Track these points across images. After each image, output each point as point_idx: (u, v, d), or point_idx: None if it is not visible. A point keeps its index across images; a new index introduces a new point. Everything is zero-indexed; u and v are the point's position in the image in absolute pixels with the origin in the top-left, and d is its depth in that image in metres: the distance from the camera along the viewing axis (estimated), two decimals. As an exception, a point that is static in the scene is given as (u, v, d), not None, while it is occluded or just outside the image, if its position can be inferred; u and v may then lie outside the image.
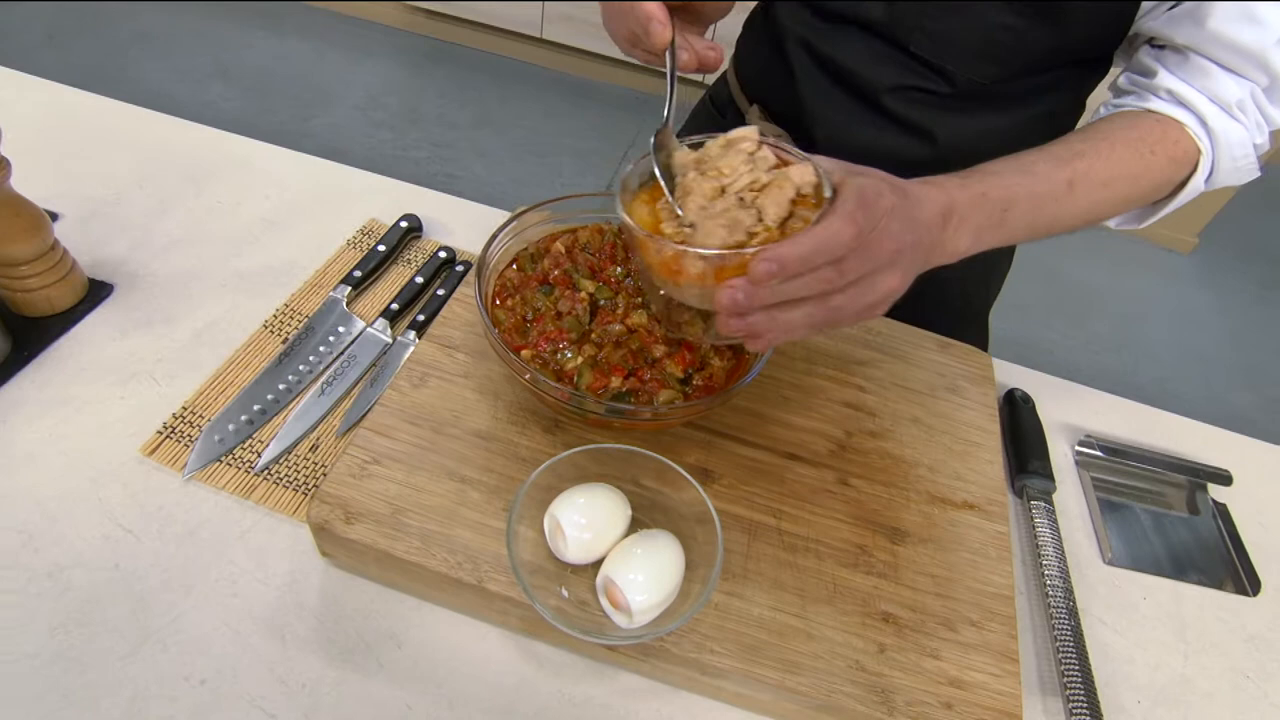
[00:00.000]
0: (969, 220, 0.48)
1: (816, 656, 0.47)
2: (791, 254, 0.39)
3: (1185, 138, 0.55)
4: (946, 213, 0.47)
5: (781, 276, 0.39)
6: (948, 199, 0.47)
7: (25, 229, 0.57)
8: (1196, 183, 0.58)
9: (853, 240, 0.40)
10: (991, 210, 0.50)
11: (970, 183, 0.50)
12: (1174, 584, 0.63)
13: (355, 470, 0.50)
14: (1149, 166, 0.55)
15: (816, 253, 0.39)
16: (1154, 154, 0.55)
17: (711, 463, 0.55)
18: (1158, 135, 0.55)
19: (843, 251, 0.40)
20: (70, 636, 0.46)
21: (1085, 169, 0.53)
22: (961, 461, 0.60)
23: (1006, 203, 0.50)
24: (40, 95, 0.82)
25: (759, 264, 0.39)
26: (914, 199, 0.45)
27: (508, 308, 0.55)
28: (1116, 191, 0.55)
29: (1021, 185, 0.51)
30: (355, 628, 0.49)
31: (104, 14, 2.45)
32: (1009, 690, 0.49)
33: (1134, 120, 0.56)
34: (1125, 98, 0.59)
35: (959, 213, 0.48)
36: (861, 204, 0.41)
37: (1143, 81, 0.58)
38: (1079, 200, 0.53)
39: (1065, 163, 0.53)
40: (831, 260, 0.40)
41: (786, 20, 0.67)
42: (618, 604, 0.44)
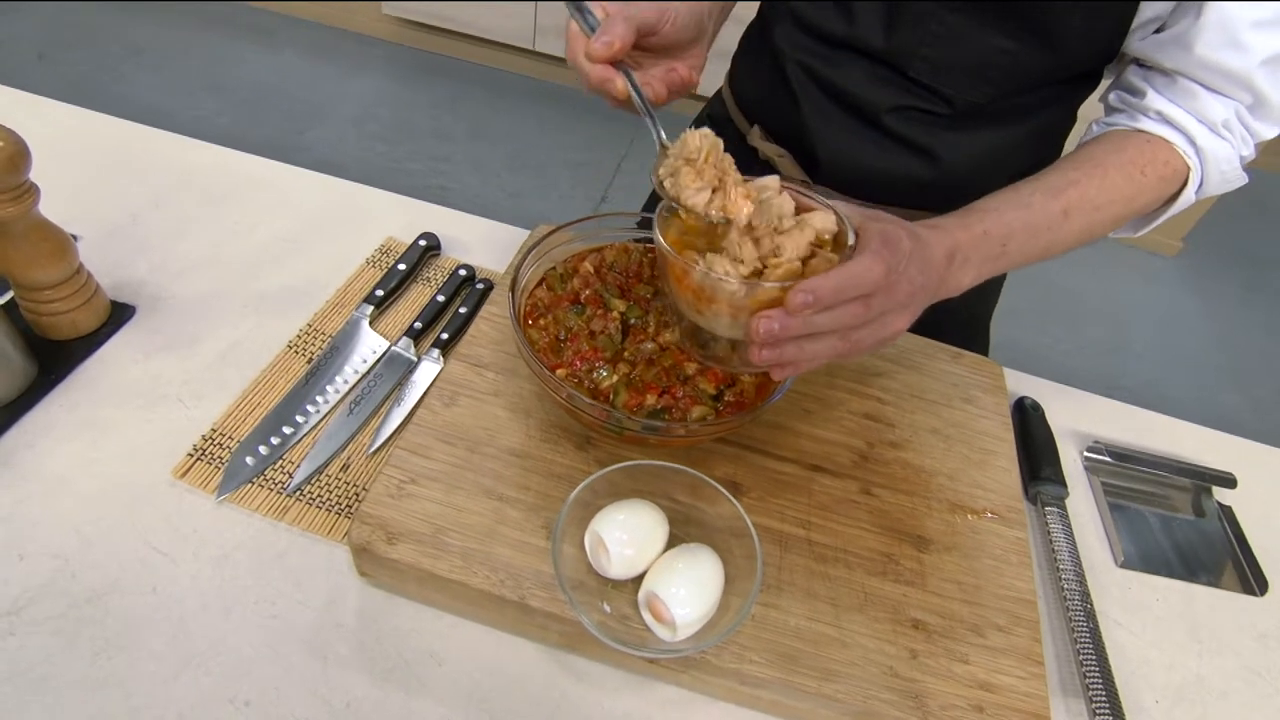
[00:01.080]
0: (971, 259, 0.52)
1: (852, 664, 0.48)
2: (826, 287, 0.42)
3: (1175, 156, 0.58)
4: (951, 254, 0.50)
5: (815, 308, 0.42)
6: (952, 241, 0.51)
7: (52, 253, 0.58)
8: (1187, 196, 0.60)
9: (882, 277, 0.43)
10: (991, 246, 0.53)
11: (971, 222, 0.53)
12: (1185, 585, 0.64)
13: (393, 490, 0.50)
14: (1140, 187, 0.58)
15: (848, 287, 0.42)
16: (1144, 175, 0.58)
17: (740, 476, 0.56)
18: (1148, 156, 0.58)
19: (871, 288, 0.43)
20: (113, 662, 0.46)
21: (1079, 196, 0.56)
22: (979, 470, 0.62)
23: (1005, 237, 0.53)
24: (47, 114, 0.82)
25: (796, 295, 0.41)
26: (925, 243, 0.48)
27: (540, 327, 0.56)
28: (1109, 213, 0.58)
29: (1019, 219, 0.54)
30: (395, 646, 0.49)
31: (94, 29, 2.43)
32: (1036, 692, 0.50)
33: (1123, 142, 0.59)
34: (1115, 116, 0.61)
35: (962, 253, 0.51)
36: (887, 245, 0.44)
37: (1132, 100, 0.60)
38: (1074, 226, 0.56)
39: (1060, 192, 0.56)
40: (860, 295, 0.43)
41: (785, 44, 0.68)
42: (662, 618, 0.45)
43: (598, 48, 0.49)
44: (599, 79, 0.49)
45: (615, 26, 0.49)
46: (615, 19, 0.49)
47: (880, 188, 0.69)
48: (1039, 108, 0.66)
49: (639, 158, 2.41)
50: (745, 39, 0.77)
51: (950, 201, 0.70)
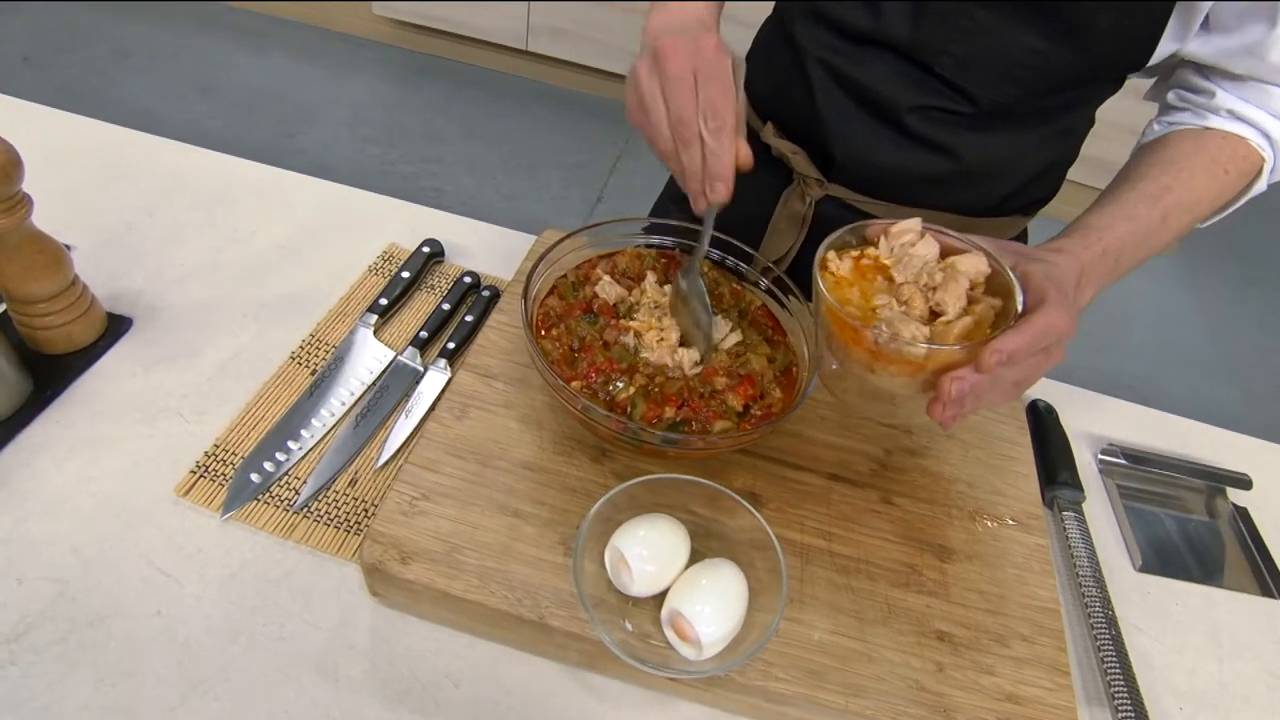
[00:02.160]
0: (1093, 277, 0.53)
1: (878, 679, 0.47)
2: (1019, 343, 0.42)
3: (1251, 151, 0.59)
4: (1080, 277, 0.51)
5: (1009, 364, 0.42)
6: (1079, 265, 0.51)
7: (46, 265, 0.56)
8: (1259, 186, 0.61)
9: (1069, 327, 0.44)
10: (1108, 263, 0.54)
11: (1090, 243, 0.53)
12: (1204, 589, 0.64)
13: (405, 507, 0.49)
14: (1225, 185, 0.59)
15: (1038, 341, 0.43)
16: (1228, 173, 0.59)
17: (759, 487, 0.55)
18: (1228, 154, 0.59)
19: (1059, 338, 0.44)
20: (117, 689, 0.45)
21: (1174, 201, 0.57)
22: (998, 476, 0.61)
23: (1119, 252, 0.54)
24: (36, 121, 0.80)
25: (991, 356, 0.42)
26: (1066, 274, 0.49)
27: (553, 338, 0.54)
28: (1199, 213, 0.59)
29: (1129, 232, 0.55)
30: (409, 667, 0.48)
31: (80, 32, 2.40)
32: (1064, 703, 0.49)
33: (1201, 142, 0.59)
34: (1178, 115, 0.61)
35: (1087, 274, 0.52)
36: (1063, 292, 0.45)
37: (1197, 100, 0.60)
38: (1170, 230, 0.57)
39: (1158, 200, 0.57)
40: (1046, 348, 0.44)
41: (806, 40, 0.67)
42: (686, 637, 0.43)
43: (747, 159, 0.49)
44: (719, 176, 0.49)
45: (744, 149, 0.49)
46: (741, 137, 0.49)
47: (897, 186, 0.68)
48: (1062, 110, 0.65)
49: (634, 157, 2.40)
50: (760, 38, 0.76)
51: (968, 200, 0.70)
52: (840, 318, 0.46)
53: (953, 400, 0.43)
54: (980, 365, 0.42)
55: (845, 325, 0.46)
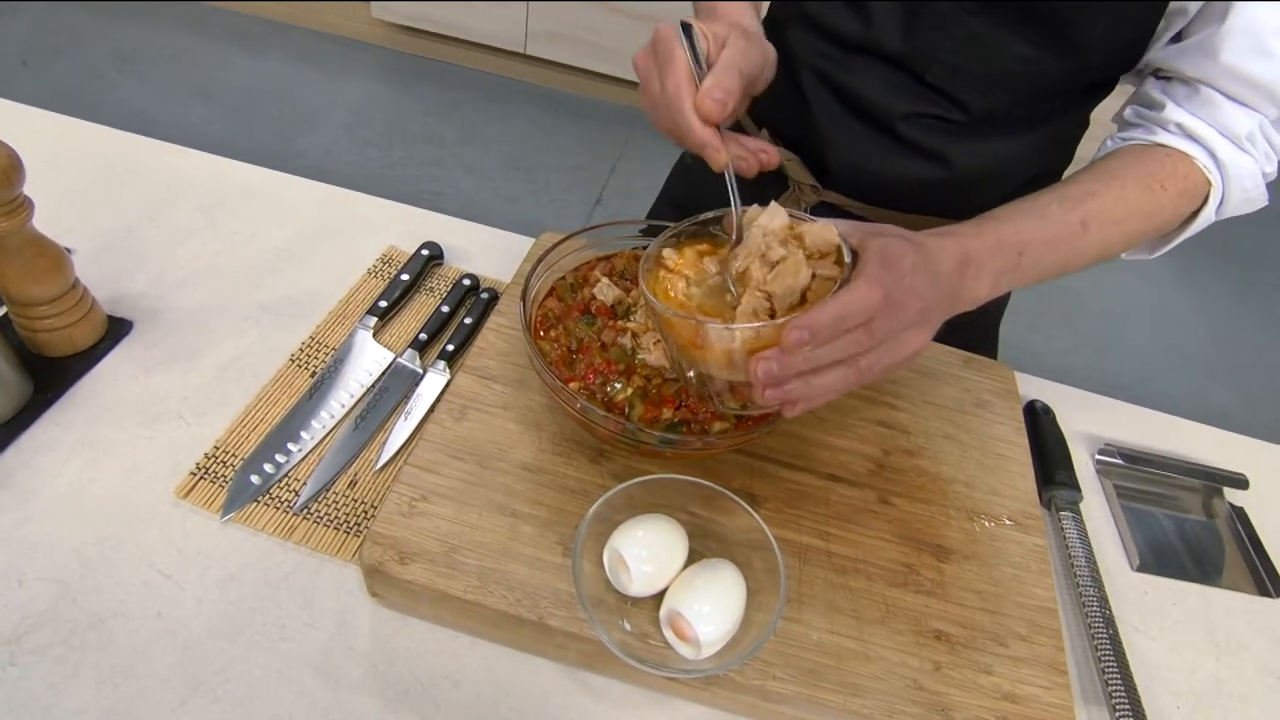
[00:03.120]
0: (986, 267, 0.49)
1: (876, 678, 0.47)
2: (821, 320, 0.40)
3: (1195, 171, 0.56)
4: (964, 262, 0.48)
5: (813, 343, 0.40)
6: (963, 249, 0.48)
7: (47, 268, 0.56)
8: (1207, 214, 0.59)
9: (879, 303, 0.41)
10: (1007, 255, 0.51)
11: (984, 230, 0.51)
12: (1201, 588, 0.64)
13: (404, 508, 0.49)
14: (1160, 203, 0.56)
15: (845, 317, 0.40)
16: (1164, 189, 0.56)
17: (756, 487, 0.56)
18: (1168, 170, 0.56)
19: (870, 314, 0.41)
20: (119, 690, 0.45)
21: (1097, 208, 0.54)
22: (995, 476, 0.61)
23: (1021, 246, 0.51)
24: (36, 124, 0.80)
25: (790, 332, 0.39)
26: (933, 253, 0.46)
27: (551, 339, 0.54)
28: (1129, 228, 0.56)
29: (1035, 229, 0.52)
30: (409, 668, 0.48)
31: (78, 35, 2.40)
32: (1061, 702, 0.49)
33: (1142, 156, 0.57)
34: (1132, 130, 0.60)
35: (975, 261, 0.49)
36: (884, 265, 0.42)
37: (1150, 114, 0.59)
38: (1092, 239, 0.55)
39: (1078, 203, 0.54)
40: (860, 323, 0.41)
41: (798, 48, 0.67)
42: (685, 636, 0.44)
43: (711, 107, 0.45)
44: (701, 143, 0.46)
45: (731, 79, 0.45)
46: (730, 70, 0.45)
47: (891, 193, 0.68)
48: (1054, 114, 0.65)
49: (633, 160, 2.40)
50: None
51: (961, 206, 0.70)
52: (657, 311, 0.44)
53: (764, 381, 0.41)
54: (782, 344, 0.40)
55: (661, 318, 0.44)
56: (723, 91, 0.45)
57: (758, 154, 0.49)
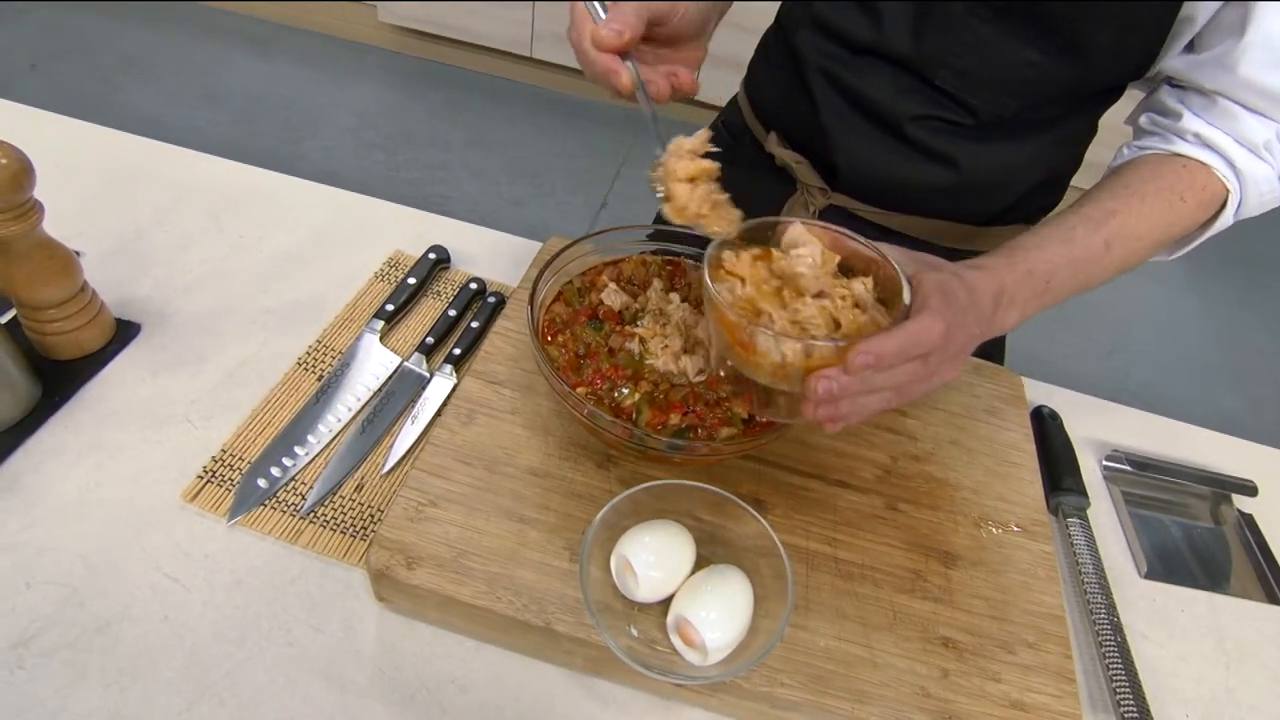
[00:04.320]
0: (1017, 299, 0.51)
1: (884, 685, 0.47)
2: (888, 348, 0.41)
3: (1213, 180, 0.57)
4: (998, 296, 0.50)
5: (877, 368, 0.41)
6: (999, 283, 0.50)
7: (56, 271, 0.56)
8: (1225, 219, 0.59)
9: (942, 337, 0.43)
10: (1036, 284, 0.53)
11: (1016, 261, 0.52)
12: (1210, 596, 0.64)
13: (411, 513, 0.49)
14: (1180, 215, 0.57)
15: (910, 347, 0.42)
16: (1184, 201, 0.57)
17: (764, 493, 0.55)
18: (1186, 182, 0.57)
19: (932, 347, 0.43)
20: (125, 694, 0.45)
21: (1119, 226, 0.55)
22: (1003, 483, 0.61)
23: (1049, 275, 0.53)
24: (45, 128, 0.81)
25: (858, 357, 0.41)
26: (975, 289, 0.48)
27: (559, 344, 0.54)
28: (1149, 242, 0.58)
29: (1062, 254, 0.54)
30: (416, 673, 0.48)
31: (86, 39, 2.42)
32: (1069, 711, 0.49)
33: (1160, 168, 0.58)
34: (1148, 139, 0.60)
35: (1008, 293, 0.51)
36: (946, 300, 0.44)
37: (1166, 123, 0.59)
38: (1115, 257, 0.56)
39: (1100, 224, 0.55)
40: (921, 354, 0.43)
41: (807, 50, 0.67)
42: (692, 643, 0.44)
43: (607, 35, 0.47)
44: (604, 69, 0.48)
45: (625, 14, 0.48)
46: (625, 7, 0.48)
47: (899, 195, 0.68)
48: (1062, 119, 0.65)
49: (638, 164, 2.41)
50: (763, 45, 0.76)
51: (970, 209, 0.70)
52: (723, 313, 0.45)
53: (821, 399, 0.42)
54: (847, 365, 0.41)
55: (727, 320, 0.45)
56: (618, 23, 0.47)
57: (668, 76, 0.51)
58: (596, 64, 0.48)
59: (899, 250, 0.48)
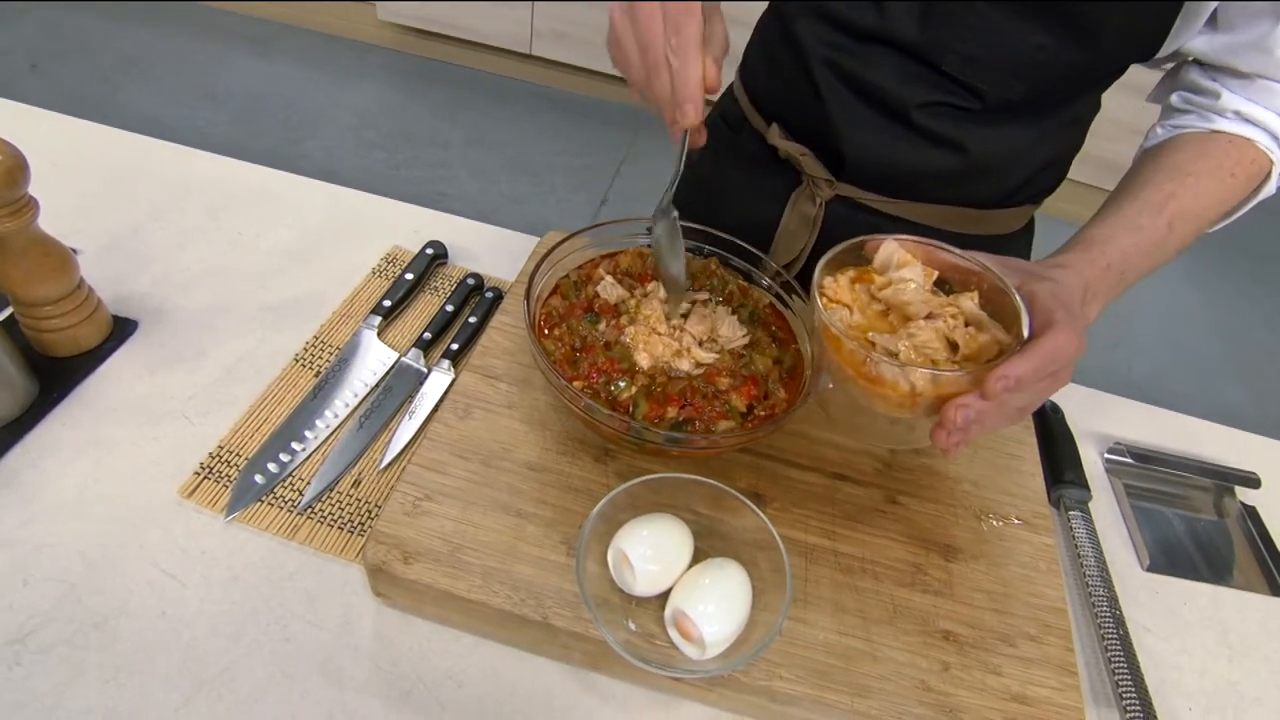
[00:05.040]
0: (1100, 293, 0.52)
1: (884, 679, 0.47)
2: (1027, 370, 0.41)
3: (1259, 154, 0.58)
4: (1085, 293, 0.50)
5: (1015, 391, 0.41)
6: (1083, 281, 0.51)
7: (52, 268, 0.56)
8: (1269, 189, 0.60)
9: (1078, 351, 0.43)
10: (1114, 276, 0.53)
11: (1094, 256, 0.53)
12: (1212, 588, 0.63)
13: (408, 508, 0.49)
14: (1231, 190, 0.58)
15: (1047, 366, 0.42)
16: (1234, 177, 0.58)
17: (762, 486, 0.55)
18: (1235, 157, 0.58)
19: (1067, 362, 0.43)
20: (122, 689, 0.45)
21: (1179, 209, 0.56)
22: (1004, 475, 0.61)
23: (1124, 265, 0.54)
24: (43, 126, 0.81)
25: (997, 382, 0.41)
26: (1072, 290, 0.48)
27: (555, 338, 0.54)
28: (1205, 220, 0.59)
29: (1132, 243, 0.54)
30: (413, 668, 0.48)
31: (87, 40, 2.42)
32: (1071, 704, 0.49)
33: (1206, 146, 0.58)
34: (1183, 118, 0.60)
35: (1091, 289, 0.51)
36: (1069, 312, 0.44)
37: (1202, 102, 0.60)
38: (1176, 238, 0.57)
39: (1162, 208, 0.56)
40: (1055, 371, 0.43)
41: (810, 40, 0.66)
42: (690, 636, 0.43)
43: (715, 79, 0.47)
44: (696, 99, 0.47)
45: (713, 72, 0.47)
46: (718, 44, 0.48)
47: (907, 183, 0.67)
48: (1069, 100, 0.65)
49: (638, 161, 2.40)
50: (759, 33, 0.75)
51: (978, 194, 0.69)
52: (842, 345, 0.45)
53: (958, 428, 0.43)
54: (986, 392, 0.41)
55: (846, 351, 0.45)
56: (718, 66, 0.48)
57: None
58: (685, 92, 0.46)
59: (990, 258, 0.48)
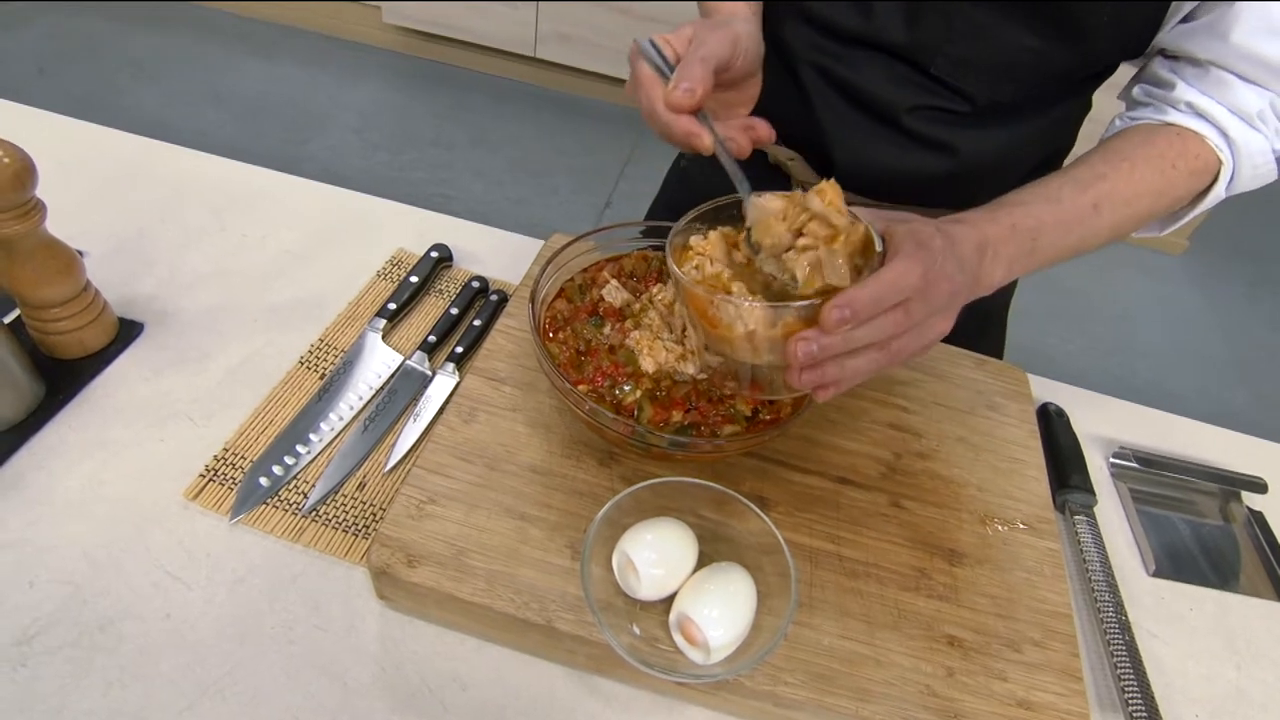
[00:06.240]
0: (1002, 253, 0.50)
1: (888, 684, 0.47)
2: (862, 298, 0.40)
3: (1206, 150, 0.56)
4: (981, 247, 0.49)
5: (854, 322, 0.40)
6: (980, 234, 0.49)
7: (59, 270, 0.56)
8: (1218, 191, 0.59)
9: (919, 280, 0.41)
10: (1022, 240, 0.51)
11: (999, 216, 0.51)
12: (1219, 594, 0.63)
13: (412, 511, 0.49)
14: (1171, 182, 0.56)
15: (886, 295, 0.40)
16: (1175, 169, 0.56)
17: (766, 490, 0.55)
18: (1178, 149, 0.56)
19: (910, 293, 0.41)
20: (126, 691, 0.45)
21: (1109, 190, 0.54)
22: (1008, 480, 0.60)
23: (1035, 231, 0.52)
24: (50, 129, 0.81)
25: (832, 311, 0.39)
26: (955, 239, 0.46)
27: (560, 341, 0.54)
28: (1140, 208, 0.57)
29: (1048, 212, 0.53)
30: (417, 671, 0.48)
31: (93, 43, 2.43)
32: (1077, 710, 0.49)
33: (1152, 136, 0.57)
34: (1141, 109, 0.59)
35: (992, 246, 0.49)
36: (920, 246, 0.42)
37: (1159, 94, 0.58)
38: (1104, 221, 0.55)
39: (1088, 186, 0.54)
40: (899, 302, 0.41)
41: (797, 44, 0.66)
42: (695, 641, 0.43)
43: (680, 97, 0.46)
44: (684, 133, 0.47)
45: (693, 70, 0.46)
46: (692, 62, 0.46)
47: (898, 186, 0.67)
48: (1059, 100, 0.65)
49: (642, 163, 2.40)
50: None
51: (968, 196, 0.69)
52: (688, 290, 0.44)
53: (803, 364, 0.41)
54: (823, 324, 0.39)
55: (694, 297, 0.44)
56: (689, 82, 0.46)
57: (745, 131, 0.50)
58: (673, 127, 0.47)
59: (870, 210, 0.46)
